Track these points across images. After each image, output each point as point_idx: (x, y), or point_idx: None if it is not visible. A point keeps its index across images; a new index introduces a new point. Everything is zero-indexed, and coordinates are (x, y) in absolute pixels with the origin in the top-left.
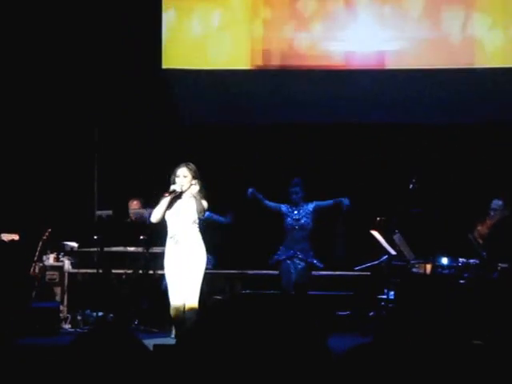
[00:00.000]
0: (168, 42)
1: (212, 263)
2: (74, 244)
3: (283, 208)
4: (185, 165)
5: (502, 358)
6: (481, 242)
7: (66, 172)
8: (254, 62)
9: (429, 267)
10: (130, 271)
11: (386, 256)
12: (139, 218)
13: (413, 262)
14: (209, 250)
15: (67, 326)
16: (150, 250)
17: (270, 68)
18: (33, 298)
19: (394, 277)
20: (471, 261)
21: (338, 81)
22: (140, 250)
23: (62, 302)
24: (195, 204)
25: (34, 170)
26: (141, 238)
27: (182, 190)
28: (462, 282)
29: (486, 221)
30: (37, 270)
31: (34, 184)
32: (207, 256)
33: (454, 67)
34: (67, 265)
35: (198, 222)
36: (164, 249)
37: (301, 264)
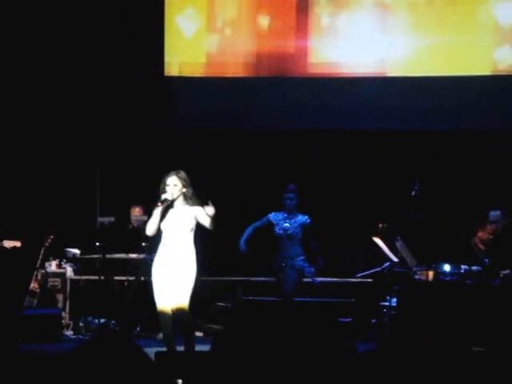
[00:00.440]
0: (169, 48)
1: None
2: (76, 251)
3: (271, 217)
4: (175, 173)
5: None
6: (482, 248)
7: (69, 179)
8: (255, 69)
9: (431, 274)
10: (131, 278)
11: (388, 263)
12: (141, 224)
13: (415, 268)
14: None
15: (69, 332)
16: (152, 257)
17: (271, 75)
18: (35, 305)
19: (396, 284)
20: (473, 268)
21: (339, 88)
22: (142, 256)
23: (64, 309)
24: (206, 220)
25: (36, 176)
26: (143, 244)
27: (172, 198)
28: (464, 288)
29: (487, 226)
30: (39, 277)
31: (37, 191)
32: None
33: (456, 74)
34: (69, 271)
35: (193, 230)
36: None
37: (292, 273)
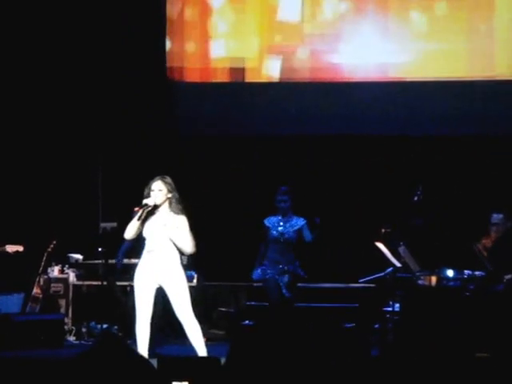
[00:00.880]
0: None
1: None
2: (79, 256)
3: (266, 223)
4: (160, 178)
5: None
6: (485, 253)
7: (71, 184)
8: (257, 75)
9: (434, 279)
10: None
11: (391, 268)
12: None
13: (418, 274)
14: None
15: (72, 338)
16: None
17: (273, 81)
18: (38, 310)
19: (399, 289)
20: (477, 273)
21: (340, 93)
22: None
23: (66, 314)
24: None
25: (38, 183)
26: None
27: (155, 203)
28: (467, 294)
29: (491, 234)
30: (41, 282)
31: (39, 196)
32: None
33: (459, 79)
34: (72, 277)
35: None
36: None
37: (286, 277)
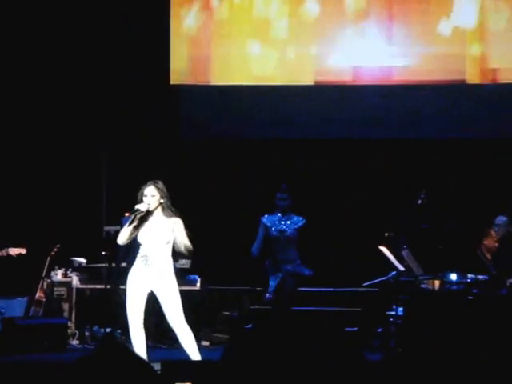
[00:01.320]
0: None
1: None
2: (82, 260)
3: (264, 220)
4: (153, 183)
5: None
6: (489, 256)
7: (74, 188)
8: (262, 78)
9: (437, 283)
10: None
11: (394, 272)
12: None
13: (421, 277)
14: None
15: (75, 342)
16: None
17: (276, 84)
18: (41, 314)
19: (402, 293)
20: (480, 277)
21: (345, 96)
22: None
23: (69, 318)
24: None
25: (42, 185)
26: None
27: (148, 209)
28: (470, 298)
29: (491, 234)
30: (45, 286)
31: (42, 200)
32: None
33: (463, 82)
34: (75, 281)
35: (171, 242)
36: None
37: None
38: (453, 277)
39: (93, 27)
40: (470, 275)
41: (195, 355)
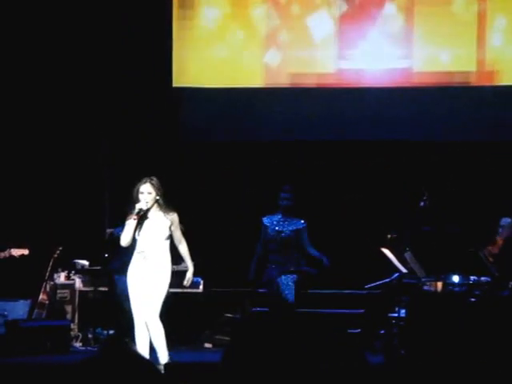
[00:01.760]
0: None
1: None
2: (85, 262)
3: (265, 221)
4: (148, 180)
5: None
6: (490, 259)
7: (77, 190)
8: (265, 81)
9: (440, 285)
10: None
11: (397, 274)
12: None
13: (424, 279)
14: None
15: (78, 344)
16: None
17: (281, 86)
18: (44, 317)
19: (405, 295)
20: (482, 279)
21: (348, 98)
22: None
23: (72, 321)
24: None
25: (44, 188)
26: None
27: (147, 206)
28: (473, 299)
29: (497, 240)
30: (48, 289)
31: (45, 202)
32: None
33: (466, 85)
34: (78, 283)
35: (169, 238)
36: (176, 267)
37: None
38: (455, 279)
39: (95, 28)
40: (472, 277)
41: (164, 355)
